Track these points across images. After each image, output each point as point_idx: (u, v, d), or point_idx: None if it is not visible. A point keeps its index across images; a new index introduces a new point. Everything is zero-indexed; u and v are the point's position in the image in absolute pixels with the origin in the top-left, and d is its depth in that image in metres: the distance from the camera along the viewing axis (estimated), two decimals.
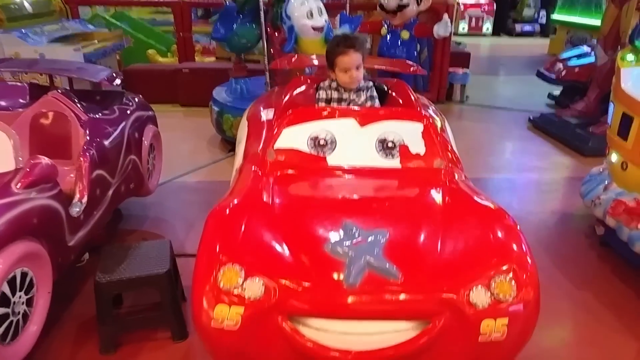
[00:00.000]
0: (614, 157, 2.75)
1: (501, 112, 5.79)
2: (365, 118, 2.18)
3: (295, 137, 2.14)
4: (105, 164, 2.40)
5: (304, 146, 2.12)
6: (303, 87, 2.68)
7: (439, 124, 2.43)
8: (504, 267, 1.56)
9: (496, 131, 5.19)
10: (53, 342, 2.06)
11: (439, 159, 2.10)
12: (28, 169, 1.88)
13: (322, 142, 2.13)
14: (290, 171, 2.07)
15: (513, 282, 1.53)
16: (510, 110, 5.81)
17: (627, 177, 2.63)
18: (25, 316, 1.84)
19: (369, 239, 1.62)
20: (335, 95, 2.45)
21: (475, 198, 1.92)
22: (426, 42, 5.77)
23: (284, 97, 2.56)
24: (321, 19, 3.59)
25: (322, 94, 2.46)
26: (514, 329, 1.51)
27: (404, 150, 2.11)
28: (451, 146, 2.39)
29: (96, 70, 3.00)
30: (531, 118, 5.20)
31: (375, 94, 2.50)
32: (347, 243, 1.60)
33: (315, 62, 3.32)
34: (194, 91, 5.51)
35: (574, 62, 5.52)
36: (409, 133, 2.14)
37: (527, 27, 12.97)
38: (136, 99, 3.00)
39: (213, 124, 4.49)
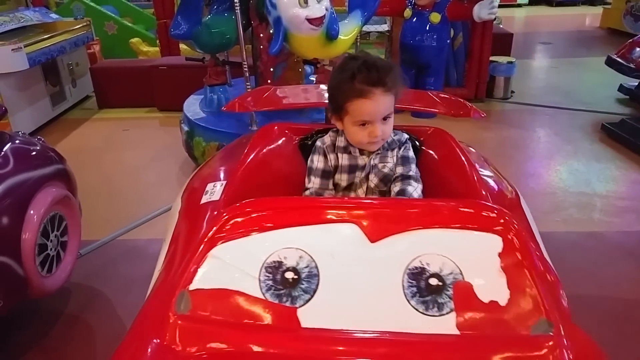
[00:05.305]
0: None
1: (559, 114, 4.43)
2: (381, 223, 1.09)
3: (235, 265, 1.07)
4: None
5: (252, 285, 1.04)
6: (280, 142, 1.59)
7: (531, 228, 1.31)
8: None
9: (557, 145, 3.81)
10: None
11: (542, 318, 0.99)
12: None
13: (289, 277, 1.05)
14: (220, 346, 0.99)
15: None
16: (571, 112, 4.46)
17: None
18: None
19: None
20: (345, 159, 1.42)
21: None
22: (461, 25, 4.62)
23: (241, 163, 1.47)
24: (320, 7, 2.45)
25: (316, 162, 1.43)
26: None
27: (464, 295, 1.01)
28: (549, 263, 1.24)
29: None
30: (605, 125, 3.86)
31: (411, 154, 1.45)
32: None
33: (320, 95, 1.97)
34: (174, 93, 4.38)
35: None
36: (471, 255, 1.05)
37: None
38: (23, 152, 1.88)
39: (183, 146, 3.43)
